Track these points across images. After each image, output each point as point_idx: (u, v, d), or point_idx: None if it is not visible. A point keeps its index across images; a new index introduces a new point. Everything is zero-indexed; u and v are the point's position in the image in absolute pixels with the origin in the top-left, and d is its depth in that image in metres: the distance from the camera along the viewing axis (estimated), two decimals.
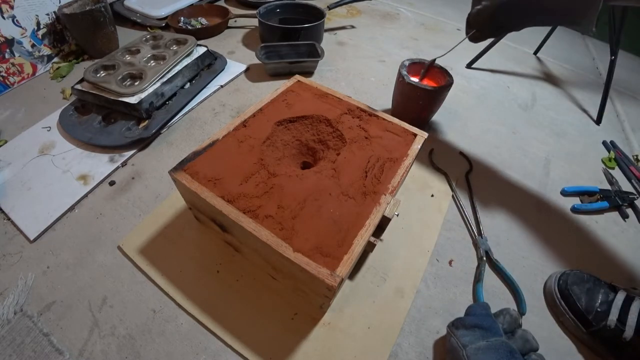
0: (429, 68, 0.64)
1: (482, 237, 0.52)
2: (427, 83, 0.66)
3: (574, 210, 0.58)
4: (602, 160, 0.69)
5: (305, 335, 0.40)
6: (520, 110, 0.80)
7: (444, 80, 0.63)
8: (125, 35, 0.90)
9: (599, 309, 0.41)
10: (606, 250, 0.53)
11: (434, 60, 0.63)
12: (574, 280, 0.44)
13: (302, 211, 0.37)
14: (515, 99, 0.83)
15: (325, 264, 0.33)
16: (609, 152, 0.71)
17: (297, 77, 0.56)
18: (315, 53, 0.81)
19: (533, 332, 0.36)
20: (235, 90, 0.77)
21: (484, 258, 0.49)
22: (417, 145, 0.46)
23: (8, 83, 0.72)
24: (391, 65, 0.89)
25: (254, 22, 1.00)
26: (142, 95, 0.62)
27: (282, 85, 0.54)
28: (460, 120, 0.74)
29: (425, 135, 0.48)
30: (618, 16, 0.69)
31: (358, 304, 0.43)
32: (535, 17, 0.47)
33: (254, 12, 0.92)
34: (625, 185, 0.64)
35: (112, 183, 0.56)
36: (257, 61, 0.79)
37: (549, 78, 0.93)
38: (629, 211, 0.59)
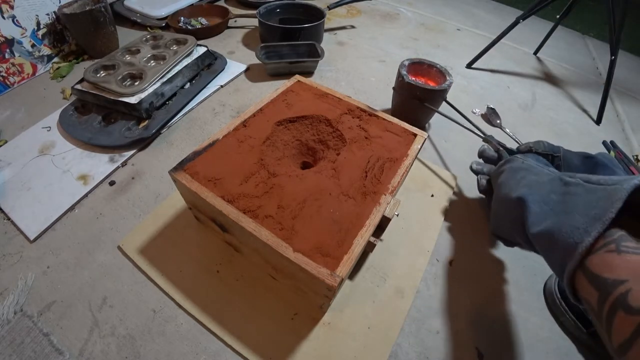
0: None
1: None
2: (427, 83, 0.66)
3: None
4: None
5: (305, 335, 0.40)
6: (520, 110, 0.80)
7: (444, 80, 0.63)
8: (125, 35, 0.90)
9: None
10: None
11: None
12: None
13: (302, 211, 0.37)
14: (515, 99, 0.83)
15: (325, 264, 0.33)
16: (609, 152, 0.71)
17: (297, 77, 0.56)
18: (315, 53, 0.81)
19: (533, 332, 0.37)
20: (235, 90, 0.77)
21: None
22: (417, 145, 0.46)
23: (8, 83, 0.72)
24: (391, 65, 0.89)
25: (254, 22, 1.00)
26: (142, 95, 0.62)
27: (282, 85, 0.54)
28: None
29: (426, 135, 0.48)
30: (618, 16, 0.69)
31: (358, 304, 0.43)
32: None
33: (254, 12, 0.92)
34: None
35: (112, 183, 0.56)
36: (257, 61, 0.79)
37: (549, 78, 0.93)
38: None
